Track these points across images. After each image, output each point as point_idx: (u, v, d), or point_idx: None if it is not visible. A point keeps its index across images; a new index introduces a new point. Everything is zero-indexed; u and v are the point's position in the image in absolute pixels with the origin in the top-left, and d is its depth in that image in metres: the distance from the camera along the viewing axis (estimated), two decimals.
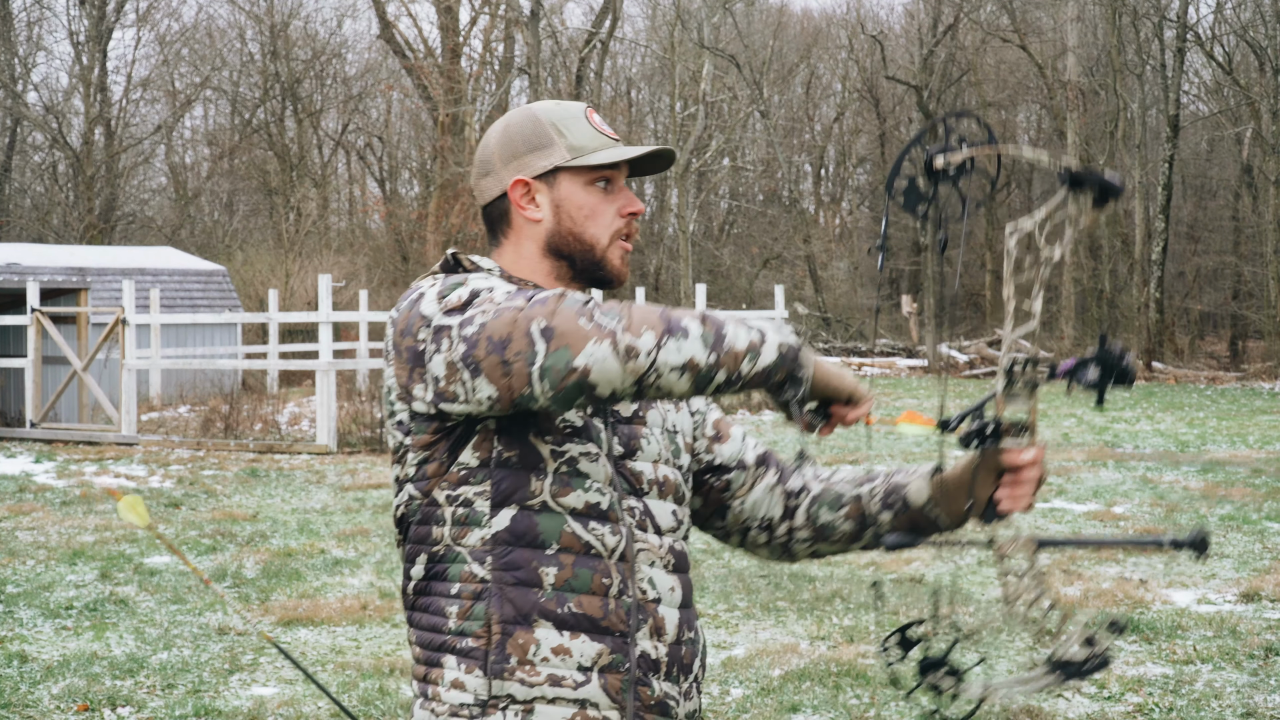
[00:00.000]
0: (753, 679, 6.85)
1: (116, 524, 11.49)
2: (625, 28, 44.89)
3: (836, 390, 2.18)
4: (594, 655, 2.21)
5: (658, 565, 2.30)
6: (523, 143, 2.38)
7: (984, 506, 2.32)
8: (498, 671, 2.20)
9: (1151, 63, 35.67)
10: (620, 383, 2.02)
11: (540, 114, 2.39)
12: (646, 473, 2.33)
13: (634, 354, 2.00)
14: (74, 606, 8.57)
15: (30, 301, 20.05)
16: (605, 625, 2.22)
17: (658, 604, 2.28)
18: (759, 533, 2.54)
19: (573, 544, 2.22)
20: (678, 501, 2.38)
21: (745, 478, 2.53)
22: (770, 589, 8.89)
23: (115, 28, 39.88)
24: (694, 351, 2.03)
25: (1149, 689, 6.63)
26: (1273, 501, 12.32)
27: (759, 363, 2.07)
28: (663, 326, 2.02)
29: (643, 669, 2.24)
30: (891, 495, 2.47)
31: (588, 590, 2.22)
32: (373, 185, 46.74)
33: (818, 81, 48.93)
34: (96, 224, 37.15)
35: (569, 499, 2.23)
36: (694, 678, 2.36)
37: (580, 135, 2.37)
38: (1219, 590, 8.84)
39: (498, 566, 2.21)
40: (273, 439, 18.35)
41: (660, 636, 2.27)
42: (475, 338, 2.09)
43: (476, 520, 2.23)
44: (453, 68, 38.16)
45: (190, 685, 6.88)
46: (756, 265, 42.27)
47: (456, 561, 2.24)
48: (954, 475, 2.40)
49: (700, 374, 2.04)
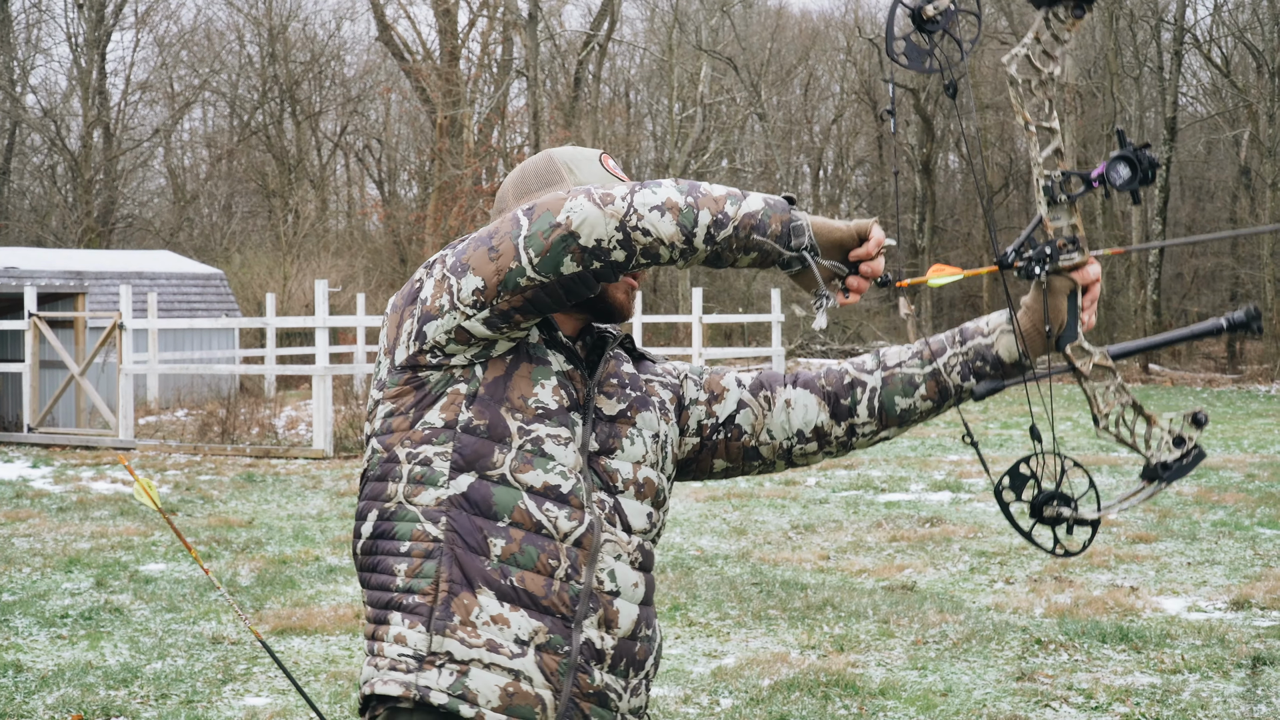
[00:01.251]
0: (742, 689, 6.88)
1: (113, 531, 11.53)
2: (623, 30, 44.95)
3: (843, 235, 2.22)
4: (531, 631, 2.25)
5: (624, 560, 2.33)
6: (535, 178, 2.46)
7: (1065, 331, 2.38)
8: (440, 628, 2.25)
9: (1149, 65, 35.71)
10: (604, 228, 2.12)
11: (556, 154, 2.48)
12: (623, 472, 2.36)
13: (609, 200, 2.12)
14: (69, 615, 8.61)
15: (28, 306, 20.08)
16: (546, 605, 2.25)
17: (615, 597, 2.31)
18: (804, 443, 2.55)
19: (524, 520, 2.26)
20: (655, 505, 2.42)
21: (752, 412, 2.55)
22: (762, 597, 8.92)
23: (114, 30, 39.91)
24: (669, 194, 2.14)
25: (1136, 699, 6.66)
26: (1266, 507, 12.36)
27: (744, 206, 2.15)
28: (635, 184, 2.15)
29: (585, 656, 2.27)
30: (978, 360, 2.48)
31: (532, 568, 2.25)
32: (371, 187, 46.78)
33: (816, 83, 48.95)
34: (95, 226, 37.17)
35: (528, 476, 2.27)
36: (645, 674, 2.39)
37: (589, 174, 2.45)
38: (1209, 597, 8.87)
39: (450, 529, 2.26)
40: (269, 443, 18.38)
41: (610, 629, 2.30)
42: (464, 247, 2.26)
43: (433, 480, 2.28)
44: (451, 70, 38.19)
45: (184, 695, 6.91)
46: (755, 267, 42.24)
47: (406, 520, 2.29)
48: (1031, 315, 2.42)
49: (682, 213, 2.12)
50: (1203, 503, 12.66)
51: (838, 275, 2.24)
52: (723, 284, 42.35)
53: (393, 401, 2.33)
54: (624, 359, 2.49)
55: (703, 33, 38.89)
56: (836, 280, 2.25)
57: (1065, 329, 2.37)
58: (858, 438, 2.55)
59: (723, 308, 40.03)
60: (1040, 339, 2.42)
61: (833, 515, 12.24)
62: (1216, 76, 37.13)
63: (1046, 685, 6.90)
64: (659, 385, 2.53)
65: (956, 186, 46.42)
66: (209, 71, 42.73)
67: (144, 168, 43.08)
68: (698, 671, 7.23)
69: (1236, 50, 36.37)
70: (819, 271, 2.21)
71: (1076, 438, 17.50)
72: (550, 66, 41.19)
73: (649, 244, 2.14)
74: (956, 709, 6.57)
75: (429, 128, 40.26)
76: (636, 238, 2.13)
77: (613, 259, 2.15)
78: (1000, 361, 2.47)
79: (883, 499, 13.30)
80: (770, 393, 2.55)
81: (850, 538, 11.15)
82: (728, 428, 2.54)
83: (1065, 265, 2.32)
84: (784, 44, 46.30)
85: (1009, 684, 6.95)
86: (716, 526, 11.72)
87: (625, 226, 2.12)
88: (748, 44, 41.34)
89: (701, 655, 7.58)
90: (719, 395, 2.56)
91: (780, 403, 2.54)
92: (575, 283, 2.18)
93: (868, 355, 2.58)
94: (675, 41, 37.25)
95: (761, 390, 2.56)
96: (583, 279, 2.18)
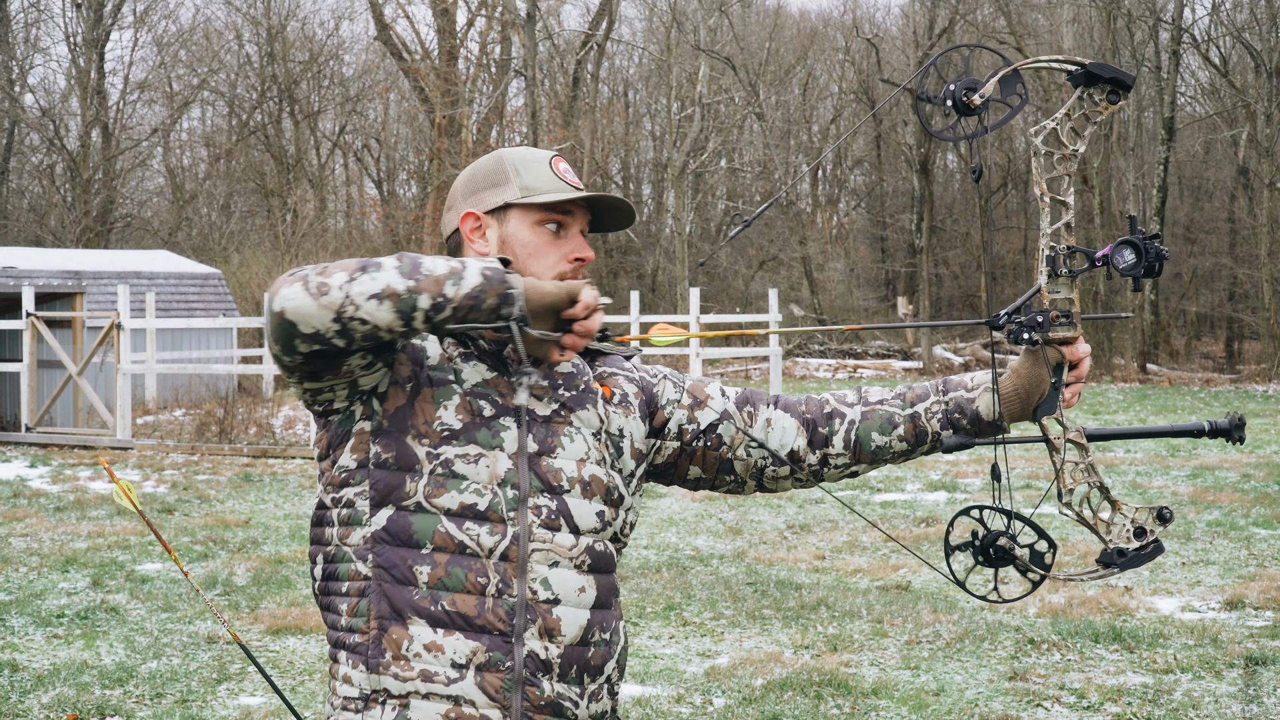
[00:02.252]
0: (735, 688, 6.90)
1: (110, 530, 11.55)
2: (622, 29, 44.97)
3: (555, 298, 2.23)
4: (468, 653, 2.26)
5: (564, 565, 2.32)
6: (483, 179, 2.45)
7: (1044, 402, 2.40)
8: (374, 666, 2.28)
9: (1147, 65, 35.72)
10: (319, 319, 2.12)
11: (505, 155, 2.46)
12: (567, 471, 2.36)
13: (325, 290, 2.12)
14: (65, 614, 8.62)
15: (26, 306, 20.10)
16: (481, 624, 2.26)
17: (554, 605, 2.30)
18: (778, 466, 2.56)
19: (447, 543, 2.27)
20: (609, 503, 2.40)
21: (735, 424, 2.55)
22: (757, 596, 8.94)
23: (112, 30, 39.92)
24: (389, 280, 2.13)
25: (1128, 699, 6.68)
26: (1261, 507, 12.38)
27: (464, 285, 2.15)
28: (356, 265, 2.14)
29: (530, 669, 2.28)
30: (957, 413, 2.51)
31: (461, 589, 2.27)
32: (370, 187, 46.80)
33: (814, 82, 48.97)
34: (93, 226, 37.19)
35: (443, 499, 2.28)
36: (605, 679, 2.38)
37: (536, 177, 2.42)
38: (1203, 597, 8.89)
39: (377, 564, 2.29)
40: (267, 443, 18.40)
41: (553, 638, 2.30)
42: None
43: (358, 520, 2.31)
44: (449, 70, 38.21)
45: (179, 695, 6.93)
46: (753, 267, 42.30)
47: (345, 561, 2.32)
48: (1016, 379, 2.45)
49: (402, 299, 2.13)
50: (1198, 503, 12.68)
51: (548, 341, 2.26)
52: (720, 284, 42.39)
53: (318, 447, 2.39)
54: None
55: (701, 32, 38.90)
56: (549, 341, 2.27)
57: (1045, 400, 2.40)
58: (829, 469, 2.56)
59: (720, 307, 40.06)
60: (1020, 403, 2.45)
61: (828, 515, 12.26)
62: (1215, 76, 37.15)
63: (1039, 685, 6.92)
64: (624, 379, 2.51)
65: (955, 186, 46.44)
66: (207, 71, 42.75)
67: (142, 167, 43.13)
68: (691, 671, 7.25)
69: (1235, 50, 36.39)
70: (523, 346, 2.23)
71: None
72: (549, 66, 41.23)
73: (368, 332, 2.14)
74: (949, 709, 6.59)
75: (427, 127, 40.27)
76: (354, 327, 2.13)
77: (334, 344, 2.15)
78: (979, 418, 2.50)
79: (879, 499, 13.33)
80: (753, 409, 2.56)
81: (845, 537, 11.17)
82: (708, 436, 2.54)
83: (1055, 337, 2.34)
84: (782, 43, 46.31)
85: (1001, 684, 6.96)
86: (712, 526, 11.74)
87: (342, 318, 2.12)
88: (746, 44, 41.35)
89: (695, 655, 7.60)
90: (701, 402, 2.55)
91: (761, 420, 2.55)
92: (322, 358, 2.20)
93: (850, 389, 2.60)
94: (673, 41, 37.26)
95: (745, 405, 2.56)
96: (327, 355, 2.19)
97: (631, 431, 2.48)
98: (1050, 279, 2.32)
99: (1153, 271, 2.28)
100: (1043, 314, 2.33)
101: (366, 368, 2.27)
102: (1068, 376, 2.39)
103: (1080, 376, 2.40)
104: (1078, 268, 2.31)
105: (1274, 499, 12.88)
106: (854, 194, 49.73)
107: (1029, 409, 2.45)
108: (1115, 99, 2.32)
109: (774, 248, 42.83)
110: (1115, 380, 30.65)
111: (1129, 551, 2.35)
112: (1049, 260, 2.31)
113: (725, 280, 42.72)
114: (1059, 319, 2.33)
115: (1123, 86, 2.33)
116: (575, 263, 2.42)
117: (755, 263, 42.52)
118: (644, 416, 2.52)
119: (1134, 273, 2.29)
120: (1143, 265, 2.29)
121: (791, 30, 48.47)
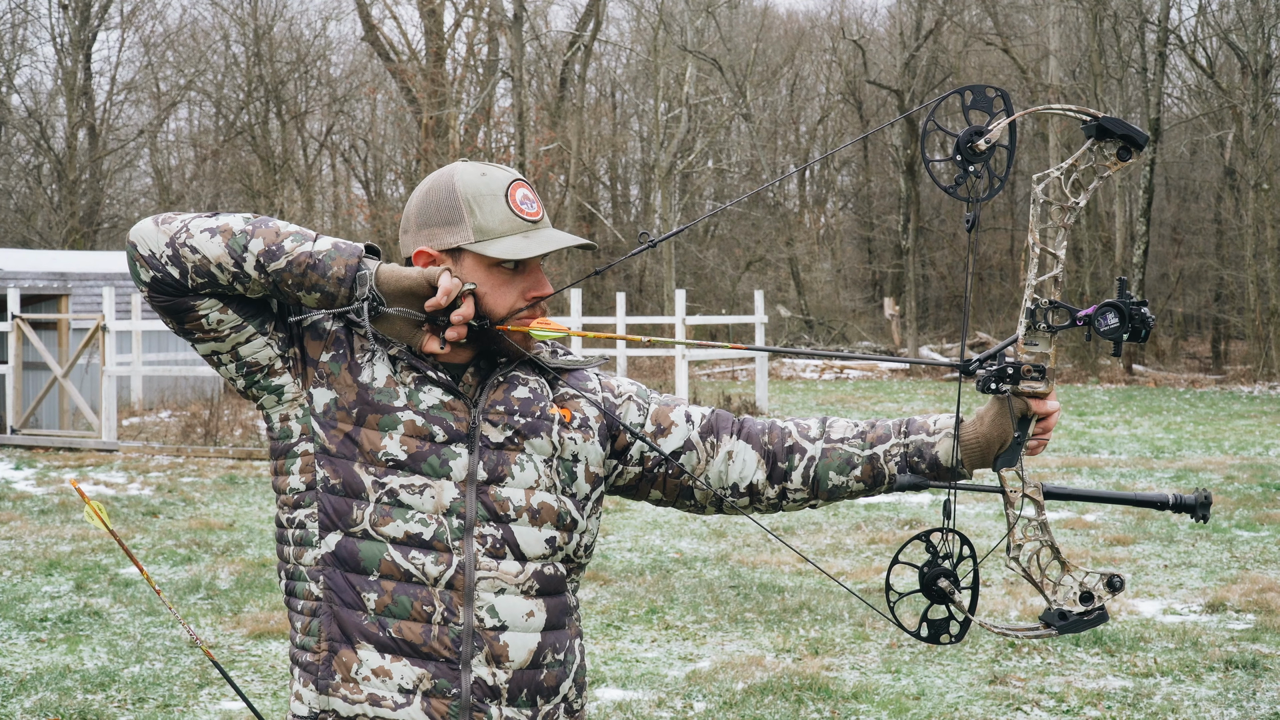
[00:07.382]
0: (716, 692, 6.91)
1: (94, 534, 11.53)
2: (609, 30, 44.95)
3: (413, 283, 2.26)
4: (415, 679, 2.28)
5: (510, 592, 2.33)
6: (436, 213, 2.41)
7: (1005, 453, 2.37)
8: (323, 687, 2.31)
9: (1133, 66, 35.81)
10: (155, 241, 2.21)
11: (460, 186, 2.41)
12: (515, 500, 2.36)
13: (169, 221, 2.23)
14: (48, 618, 8.62)
15: (10, 307, 20.05)
16: (427, 651, 2.29)
17: (501, 631, 2.32)
18: (737, 497, 2.56)
19: (392, 571, 2.30)
20: (560, 528, 2.40)
21: (697, 456, 2.55)
22: (739, 600, 8.96)
23: (99, 30, 39.83)
24: (229, 220, 2.23)
25: (1108, 702, 6.71)
26: (1244, 509, 12.42)
27: (307, 245, 2.21)
28: (209, 212, 2.26)
29: (477, 695, 2.30)
30: (915, 456, 2.50)
31: (407, 616, 2.29)
32: (357, 187, 46.73)
33: (802, 83, 49.00)
34: (80, 227, 37.10)
35: (389, 528, 2.30)
36: (561, 699, 2.40)
37: (491, 217, 2.39)
38: (1185, 600, 8.93)
39: (328, 587, 2.32)
40: (253, 445, 18.38)
41: (500, 664, 2.32)
42: None
43: (309, 541, 2.34)
44: (436, 70, 38.16)
45: (160, 699, 6.93)
46: (740, 268, 42.31)
47: (300, 579, 2.36)
48: (979, 427, 2.44)
49: (234, 238, 2.20)
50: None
51: (414, 321, 2.29)
52: (707, 284, 42.40)
53: (271, 461, 2.43)
54: (523, 382, 2.45)
55: (688, 33, 38.89)
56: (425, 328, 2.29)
57: (1005, 451, 2.37)
58: (787, 501, 2.58)
59: (707, 308, 40.08)
60: (980, 452, 2.44)
61: (812, 518, 12.27)
62: (1201, 77, 37.23)
63: (1018, 689, 6.95)
64: (585, 403, 2.50)
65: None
66: (194, 71, 42.65)
67: (129, 168, 43.01)
68: (672, 675, 7.27)
69: (1221, 51, 36.46)
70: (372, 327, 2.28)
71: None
72: (536, 67, 41.22)
73: (199, 261, 2.21)
74: (929, 712, 6.62)
75: (415, 128, 40.22)
76: (185, 254, 2.21)
77: (169, 271, 2.23)
78: (937, 463, 2.50)
79: (862, 501, 13.34)
80: (716, 439, 2.56)
81: (829, 540, 11.19)
82: (669, 464, 2.54)
83: (1025, 390, 2.31)
84: (769, 44, 46.33)
85: (981, 687, 6.99)
86: (696, 529, 11.76)
87: (174, 243, 2.22)
88: (733, 45, 41.38)
89: (677, 659, 7.62)
90: (665, 429, 2.55)
91: (723, 453, 2.55)
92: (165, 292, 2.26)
93: (814, 420, 2.59)
94: (661, 42, 37.26)
95: (709, 435, 2.56)
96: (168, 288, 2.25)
97: (587, 456, 2.47)
98: (1029, 331, 2.30)
99: (1137, 337, 2.25)
100: (1015, 365, 2.30)
101: (236, 328, 2.30)
102: (1034, 429, 2.37)
103: (1047, 429, 2.38)
104: (1059, 324, 2.29)
105: (1257, 501, 12.93)
106: (841, 194, 49.77)
107: (989, 458, 2.43)
108: (1126, 156, 2.29)
109: (761, 249, 42.86)
110: (1101, 381, 30.70)
111: (1070, 615, 2.33)
112: (1030, 314, 2.28)
113: (712, 281, 42.72)
114: (1030, 372, 2.30)
115: (1135, 145, 2.29)
116: (532, 300, 2.41)
117: (742, 264, 42.53)
118: (604, 440, 2.51)
119: (1115, 336, 2.26)
120: (1125, 330, 2.26)
121: (779, 31, 48.51)
